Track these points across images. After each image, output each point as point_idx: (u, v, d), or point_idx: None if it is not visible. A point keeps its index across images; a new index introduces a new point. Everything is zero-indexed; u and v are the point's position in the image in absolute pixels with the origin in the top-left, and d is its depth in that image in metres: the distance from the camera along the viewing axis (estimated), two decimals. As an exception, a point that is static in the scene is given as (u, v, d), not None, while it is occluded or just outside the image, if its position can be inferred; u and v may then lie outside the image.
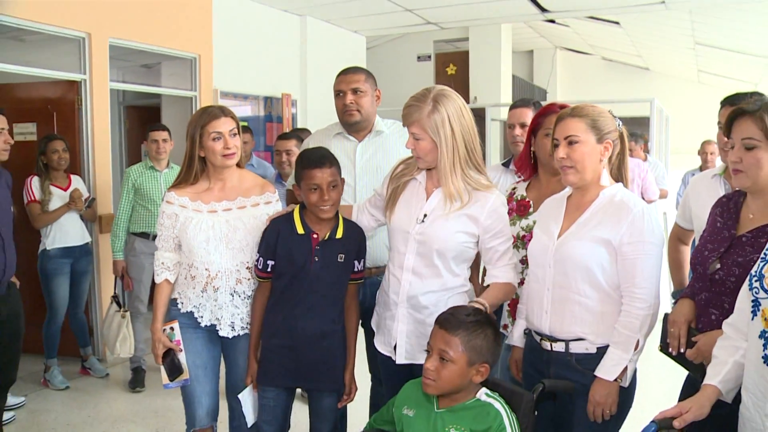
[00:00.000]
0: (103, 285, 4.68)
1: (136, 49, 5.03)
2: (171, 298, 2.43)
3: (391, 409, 1.99)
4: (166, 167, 4.33)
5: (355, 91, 2.67)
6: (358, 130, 2.75)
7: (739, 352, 1.62)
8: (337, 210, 2.27)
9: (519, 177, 2.63)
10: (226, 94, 5.75)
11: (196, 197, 2.38)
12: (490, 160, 7.52)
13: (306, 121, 6.59)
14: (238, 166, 2.43)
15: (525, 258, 2.28)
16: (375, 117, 2.77)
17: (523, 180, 2.56)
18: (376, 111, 2.77)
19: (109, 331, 4.13)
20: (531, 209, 2.45)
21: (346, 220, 2.32)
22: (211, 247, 2.33)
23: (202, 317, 2.37)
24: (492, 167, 2.87)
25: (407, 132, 2.09)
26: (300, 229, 2.25)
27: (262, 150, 6.16)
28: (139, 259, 4.23)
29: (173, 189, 2.40)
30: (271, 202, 2.44)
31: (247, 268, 2.37)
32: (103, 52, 4.63)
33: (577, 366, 1.94)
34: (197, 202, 2.37)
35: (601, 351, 1.91)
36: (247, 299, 2.38)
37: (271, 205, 2.43)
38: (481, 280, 2.59)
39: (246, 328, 2.38)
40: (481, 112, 7.46)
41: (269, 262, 2.27)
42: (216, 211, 2.37)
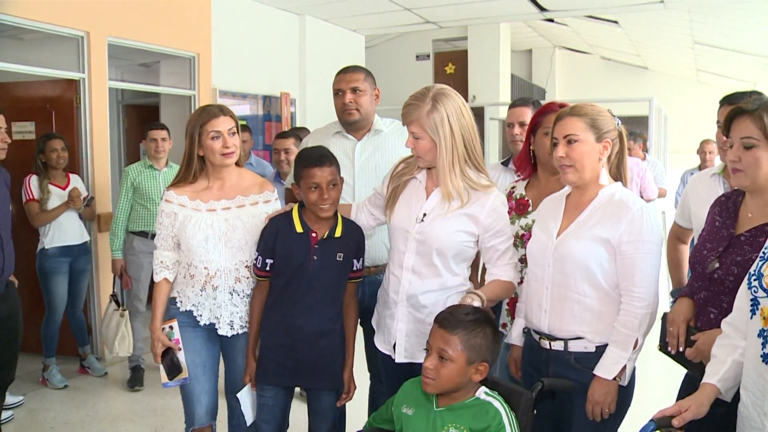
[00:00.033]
0: (101, 284, 4.68)
1: (134, 48, 5.02)
2: (170, 297, 2.43)
3: (391, 407, 1.99)
4: (165, 166, 4.33)
5: (355, 90, 2.67)
6: (357, 129, 2.74)
7: (738, 350, 1.62)
8: (336, 209, 2.27)
9: (518, 176, 2.63)
10: (224, 93, 5.75)
11: (195, 196, 2.38)
12: (489, 159, 7.52)
13: (305, 120, 6.58)
14: (237, 164, 2.43)
15: (524, 257, 2.28)
16: (374, 116, 2.77)
17: (522, 179, 2.56)
18: (375, 110, 2.77)
19: (108, 330, 4.13)
20: (530, 208, 2.45)
21: (345, 218, 2.31)
22: (210, 246, 2.33)
23: (201, 316, 2.37)
24: (491, 166, 2.87)
25: (406, 131, 2.09)
26: (299, 228, 2.25)
27: (260, 149, 6.15)
28: (137, 258, 4.23)
29: (172, 188, 2.40)
30: (270, 200, 2.44)
31: (246, 267, 2.37)
32: (101, 51, 4.63)
33: (576, 365, 1.94)
34: (196, 201, 2.37)
35: (600, 350, 1.91)
36: (246, 298, 2.38)
37: (270, 204, 2.43)
38: (480, 279, 2.58)
39: (245, 326, 2.38)
40: (479, 111, 7.45)
41: (268, 260, 2.27)
42: (215, 209, 2.37)
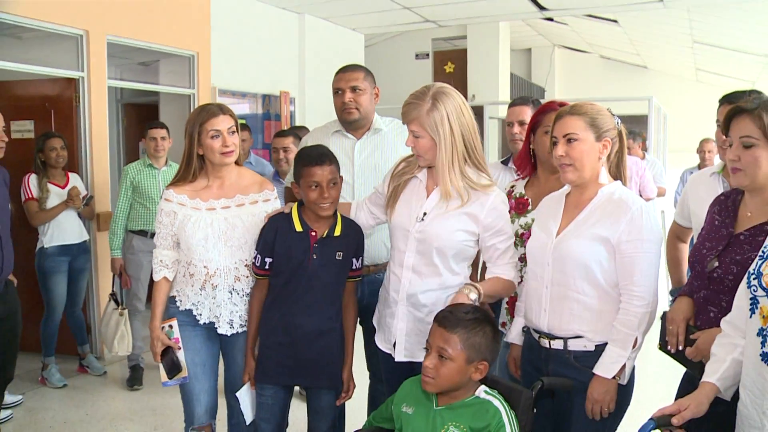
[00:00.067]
0: (101, 283, 4.68)
1: (134, 47, 5.02)
2: (170, 296, 2.42)
3: (390, 406, 1.99)
4: (164, 165, 4.33)
5: (354, 89, 2.66)
6: (356, 128, 2.74)
7: (738, 349, 1.62)
8: (336, 208, 2.26)
9: (518, 175, 2.62)
10: (224, 92, 5.74)
11: (195, 195, 2.38)
12: (488, 158, 7.47)
13: (304, 119, 6.57)
14: (237, 163, 2.43)
15: (523, 256, 2.28)
16: (374, 115, 2.77)
17: (522, 178, 2.56)
18: (374, 109, 2.77)
19: (107, 329, 4.13)
20: (530, 207, 2.45)
21: (344, 217, 2.31)
22: (209, 245, 2.33)
23: (201, 315, 2.37)
24: (491, 165, 2.87)
25: (406, 130, 2.09)
26: (298, 227, 2.25)
27: (260, 148, 6.15)
28: (137, 257, 4.23)
29: (172, 187, 2.40)
30: (270, 199, 2.44)
31: (245, 266, 2.37)
32: (100, 50, 4.62)
33: (575, 363, 1.94)
34: (196, 200, 2.37)
35: (600, 348, 1.91)
36: (246, 297, 2.38)
37: (270, 203, 2.43)
38: (480, 278, 2.58)
39: (244, 325, 2.38)
40: (479, 110, 7.45)
41: (267, 259, 2.27)
42: (214, 208, 2.37)
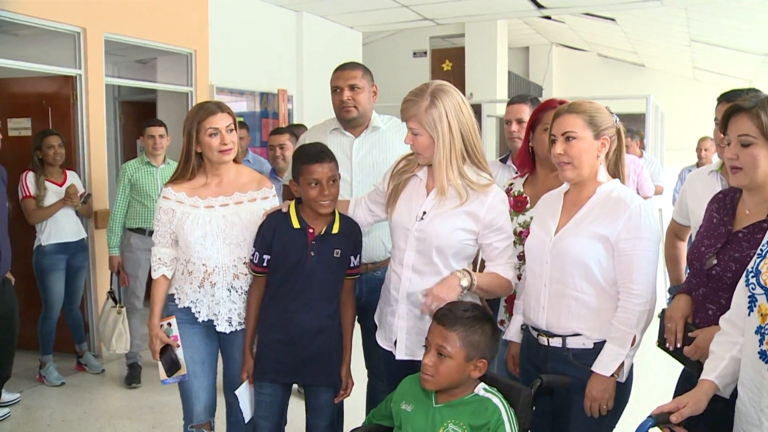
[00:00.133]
0: (98, 281, 4.67)
1: (131, 44, 5.00)
2: (168, 294, 2.42)
3: (390, 404, 1.99)
4: (162, 163, 4.32)
5: (352, 87, 2.66)
6: (354, 126, 2.74)
7: (736, 347, 1.63)
8: (335, 205, 2.26)
9: (517, 173, 2.62)
10: (222, 90, 5.73)
11: (193, 193, 2.37)
12: (486, 156, 7.52)
13: (302, 117, 6.57)
14: (235, 161, 2.42)
15: (522, 254, 2.28)
16: (372, 113, 2.77)
17: (521, 176, 2.56)
18: (373, 107, 2.77)
19: (105, 327, 4.13)
20: (528, 205, 2.45)
21: (342, 215, 2.31)
22: (208, 243, 2.33)
23: (200, 312, 2.37)
24: (489, 163, 2.88)
25: (404, 128, 2.09)
26: (296, 224, 2.25)
27: (257, 146, 6.14)
28: (135, 255, 4.23)
29: (170, 184, 2.39)
30: (268, 197, 2.44)
31: (244, 264, 2.37)
32: (98, 47, 4.61)
33: (574, 361, 1.94)
34: (194, 198, 2.37)
35: (598, 346, 1.92)
36: (245, 294, 2.38)
37: (268, 201, 2.43)
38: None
39: (243, 323, 2.38)
40: (476, 108, 7.44)
41: (265, 256, 2.27)
42: (213, 206, 2.36)
